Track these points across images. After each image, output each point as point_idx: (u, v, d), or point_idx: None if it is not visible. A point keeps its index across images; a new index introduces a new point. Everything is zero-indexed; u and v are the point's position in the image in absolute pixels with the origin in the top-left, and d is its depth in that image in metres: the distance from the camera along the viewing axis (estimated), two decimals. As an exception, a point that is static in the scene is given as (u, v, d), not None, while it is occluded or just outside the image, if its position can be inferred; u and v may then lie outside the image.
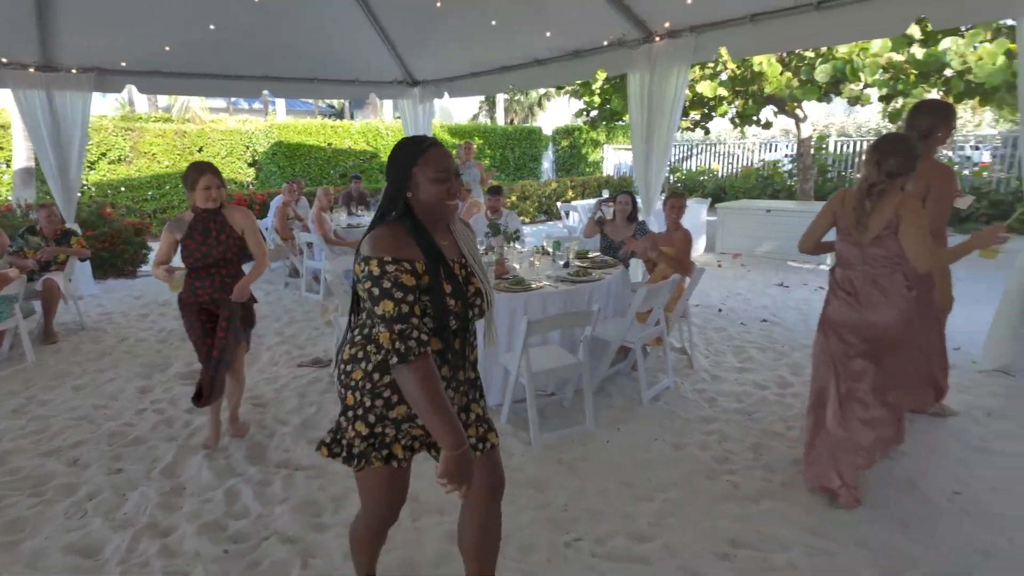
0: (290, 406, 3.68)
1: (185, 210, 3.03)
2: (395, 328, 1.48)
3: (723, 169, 14.91)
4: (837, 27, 4.56)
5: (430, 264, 1.55)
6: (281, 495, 2.75)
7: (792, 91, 7.18)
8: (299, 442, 3.23)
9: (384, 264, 1.50)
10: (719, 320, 5.33)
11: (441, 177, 1.58)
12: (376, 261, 1.51)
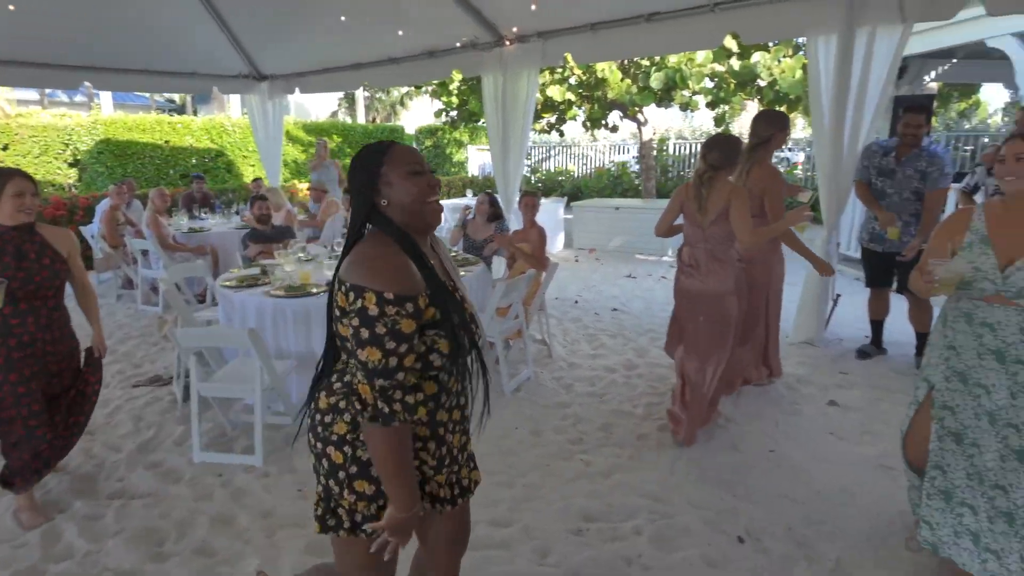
0: (124, 430, 3.34)
1: None
2: (377, 383, 1.25)
3: (578, 170, 15.72)
4: (665, 38, 5.01)
5: (436, 296, 1.31)
6: (114, 527, 2.49)
7: (632, 97, 7.77)
8: (135, 468, 2.95)
9: (384, 303, 1.23)
10: (575, 311, 5.63)
11: (416, 170, 1.35)
12: (374, 296, 1.23)
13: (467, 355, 1.42)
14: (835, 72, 4.11)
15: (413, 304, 1.26)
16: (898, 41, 3.90)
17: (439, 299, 1.32)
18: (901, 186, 3.86)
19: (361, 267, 1.27)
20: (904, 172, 3.84)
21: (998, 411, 1.89)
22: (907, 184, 3.83)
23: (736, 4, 4.47)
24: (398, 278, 1.26)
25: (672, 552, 2.31)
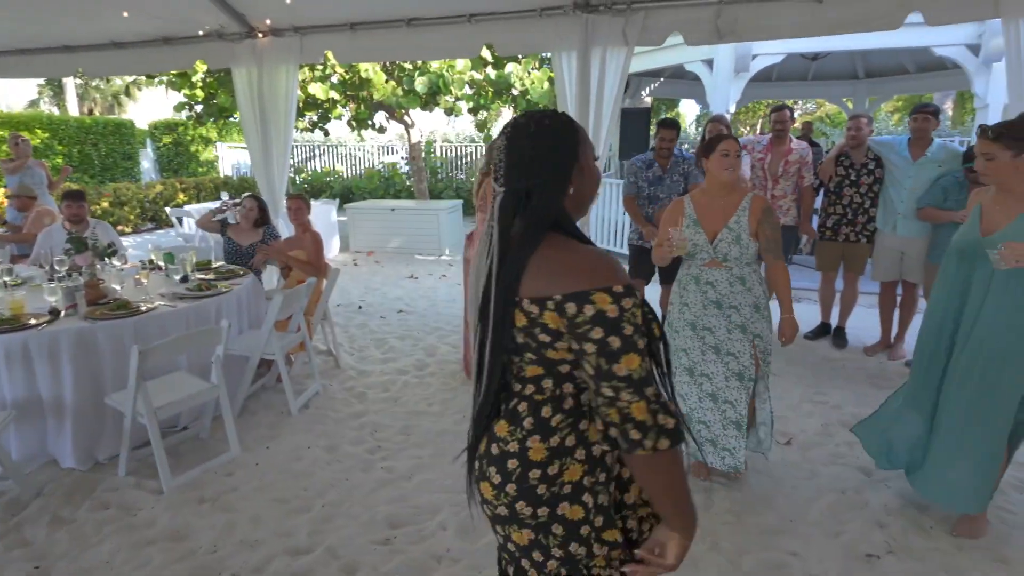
0: None
1: None
2: (650, 393, 1.00)
3: (347, 171, 15.28)
4: (425, 44, 5.12)
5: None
6: None
7: (398, 99, 7.81)
8: None
9: (619, 297, 1.01)
10: (360, 316, 5.51)
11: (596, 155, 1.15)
12: (607, 296, 1.00)
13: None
14: (577, 84, 4.65)
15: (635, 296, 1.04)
16: (624, 61, 4.57)
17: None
18: (671, 190, 4.37)
19: (571, 270, 1.04)
20: (671, 178, 4.38)
21: (720, 344, 2.62)
22: (675, 188, 4.39)
23: (491, 17, 4.78)
24: (616, 267, 1.05)
25: (477, 540, 2.42)
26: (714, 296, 2.62)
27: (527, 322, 1.08)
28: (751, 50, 5.90)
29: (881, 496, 2.69)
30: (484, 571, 2.24)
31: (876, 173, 4.23)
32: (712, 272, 2.62)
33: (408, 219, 8.53)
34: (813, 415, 3.49)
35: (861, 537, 2.41)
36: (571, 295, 1.03)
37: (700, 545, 2.37)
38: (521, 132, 1.13)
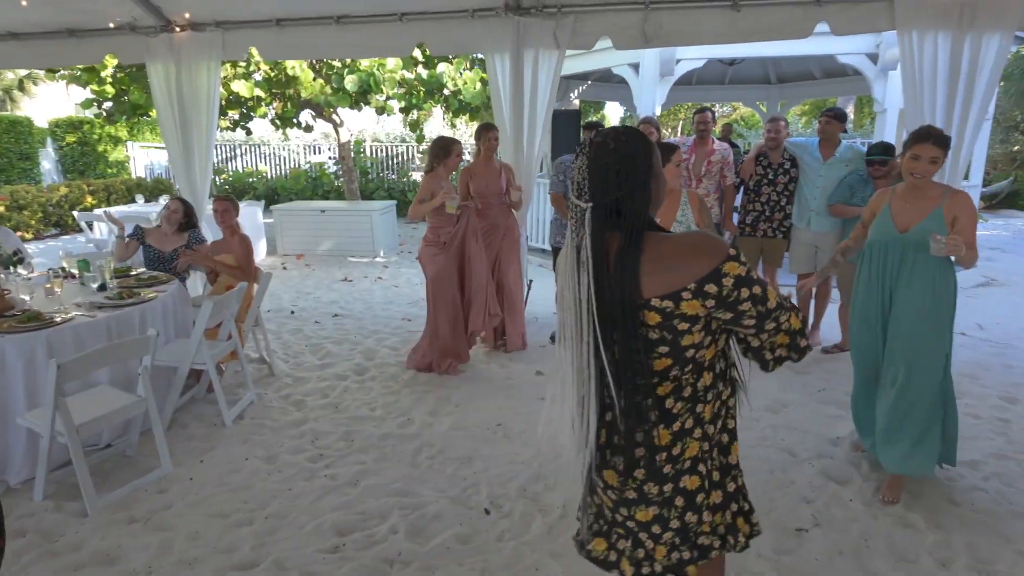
0: None
1: None
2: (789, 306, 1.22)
3: (271, 171, 14.73)
4: (356, 42, 5.03)
5: None
6: None
7: (327, 97, 7.62)
8: None
9: (738, 256, 1.18)
10: (293, 322, 5.34)
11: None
12: (733, 262, 1.16)
13: None
14: (511, 86, 4.70)
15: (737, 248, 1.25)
16: (556, 63, 4.66)
17: None
18: None
19: (690, 259, 1.18)
20: None
21: None
22: None
23: (422, 16, 4.75)
24: (715, 236, 1.22)
25: (428, 541, 2.42)
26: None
27: (662, 318, 1.20)
28: (675, 55, 6.15)
29: (806, 474, 2.89)
30: (437, 572, 2.24)
31: (792, 172, 4.52)
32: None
33: (339, 220, 8.34)
34: (741, 402, 3.69)
35: (790, 513, 2.59)
36: (705, 278, 1.16)
37: (644, 530, 2.47)
38: (602, 150, 1.24)
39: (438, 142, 4.20)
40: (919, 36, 4.00)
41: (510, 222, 4.55)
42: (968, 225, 2.51)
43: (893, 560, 2.30)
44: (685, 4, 4.37)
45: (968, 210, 2.53)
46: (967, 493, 2.72)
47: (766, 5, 4.29)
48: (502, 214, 4.51)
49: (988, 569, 2.25)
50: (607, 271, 1.22)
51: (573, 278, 1.25)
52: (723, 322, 1.23)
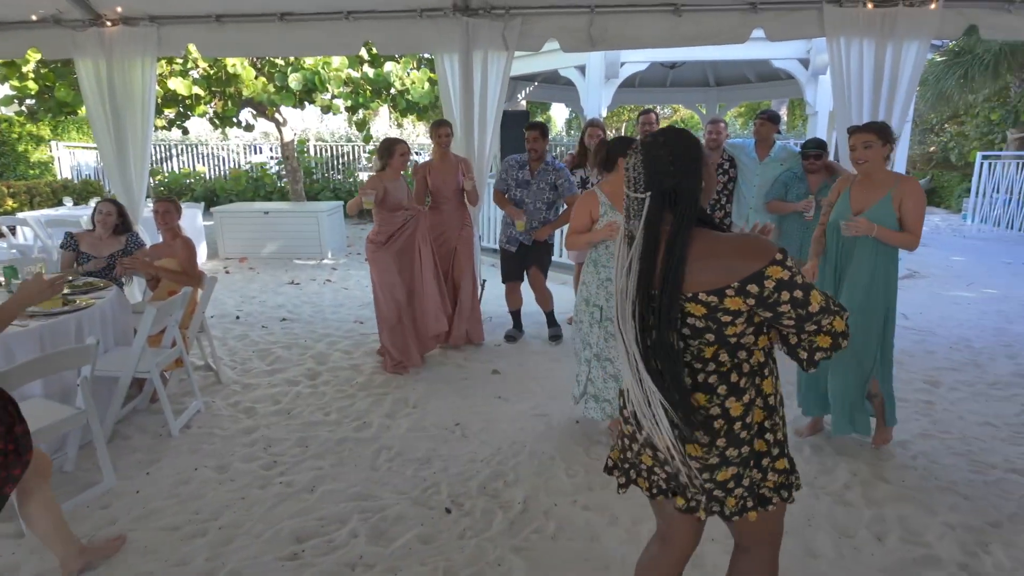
0: None
1: None
2: (836, 310, 1.29)
3: (209, 172, 14.20)
4: (301, 40, 4.92)
5: None
6: None
7: (270, 96, 7.41)
8: None
9: (783, 261, 1.25)
10: (239, 327, 5.18)
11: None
12: (777, 266, 1.24)
13: None
14: (461, 86, 4.71)
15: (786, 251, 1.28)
16: (505, 64, 4.70)
17: None
18: (536, 197, 4.52)
19: (737, 259, 1.26)
20: (538, 185, 4.51)
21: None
22: (540, 195, 4.53)
23: (369, 15, 4.70)
24: (764, 240, 1.29)
25: (390, 543, 2.41)
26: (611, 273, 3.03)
27: (707, 311, 1.31)
28: (619, 58, 6.30)
29: (751, 459, 3.03)
30: (400, 573, 2.24)
31: (731, 172, 4.71)
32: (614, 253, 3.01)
33: (284, 222, 8.12)
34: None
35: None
36: (748, 279, 1.25)
37: (599, 519, 2.54)
38: (655, 144, 1.36)
39: (383, 143, 4.21)
40: (846, 43, 4.25)
41: (465, 220, 4.58)
42: (912, 209, 2.74)
43: (835, 536, 2.44)
44: (629, 8, 4.49)
45: (914, 196, 2.75)
46: (898, 471, 2.92)
47: (705, 11, 4.46)
48: (458, 211, 4.53)
49: (918, 540, 2.42)
50: (656, 260, 1.32)
51: (624, 265, 1.36)
52: (764, 319, 1.34)
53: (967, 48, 12.75)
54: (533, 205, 4.56)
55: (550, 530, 2.48)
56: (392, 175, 4.12)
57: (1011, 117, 14.71)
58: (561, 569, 2.26)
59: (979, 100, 15.26)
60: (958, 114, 16.41)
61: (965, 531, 2.47)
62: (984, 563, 2.29)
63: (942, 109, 15.51)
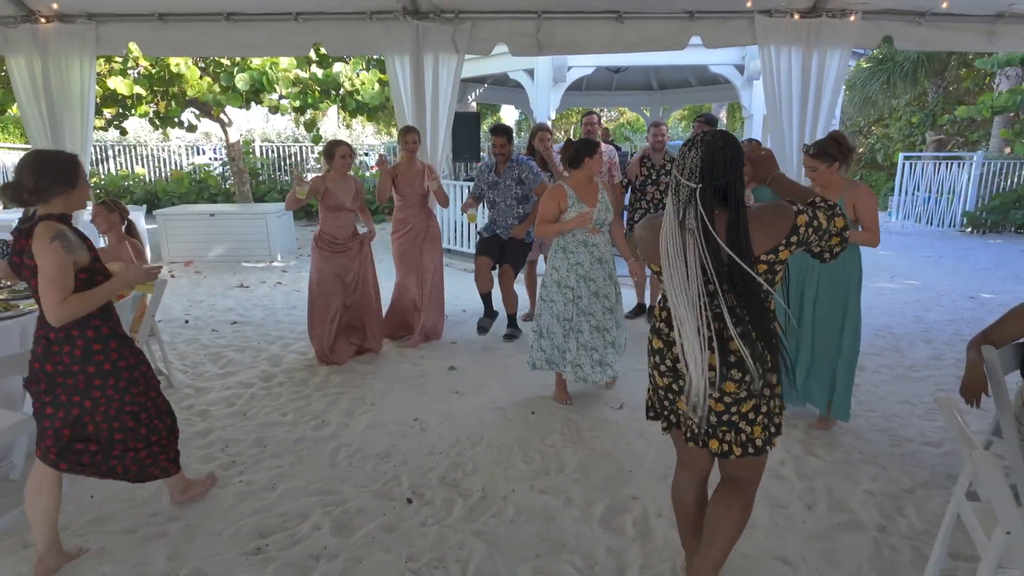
0: None
1: None
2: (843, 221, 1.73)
3: (150, 173, 13.70)
4: (248, 40, 4.89)
5: None
6: None
7: (216, 96, 7.25)
8: None
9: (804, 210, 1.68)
10: (188, 331, 5.09)
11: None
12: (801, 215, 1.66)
13: None
14: (412, 88, 4.79)
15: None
16: (456, 67, 4.79)
17: None
18: (505, 195, 4.64)
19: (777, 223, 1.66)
20: (504, 183, 4.62)
21: (599, 289, 3.49)
22: (508, 192, 4.64)
23: (318, 16, 4.72)
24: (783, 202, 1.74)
25: (353, 534, 2.47)
26: (597, 254, 3.49)
27: (767, 268, 1.69)
28: (567, 62, 6.48)
29: (695, 441, 3.22)
30: (364, 561, 2.31)
31: (674, 173, 4.93)
32: (594, 237, 3.48)
33: (231, 224, 7.95)
34: (638, 382, 4.01)
35: (683, 475, 2.89)
36: (788, 233, 1.65)
37: (555, 501, 2.67)
38: (715, 145, 1.66)
39: (326, 146, 4.32)
40: (776, 51, 4.55)
41: (431, 222, 4.68)
42: (864, 209, 3.03)
43: (770, 507, 2.65)
44: (575, 15, 4.67)
45: (863, 197, 3.04)
46: (826, 448, 3.17)
47: (647, 19, 4.68)
48: (423, 214, 4.63)
49: (844, 507, 2.66)
50: (715, 238, 1.62)
51: (678, 244, 1.65)
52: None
53: (889, 56, 13.61)
54: (504, 203, 4.67)
55: (509, 514, 2.59)
56: (335, 176, 4.18)
57: (929, 120, 15.78)
58: (520, 549, 2.38)
59: (901, 104, 16.31)
60: (883, 117, 17.47)
61: (884, 498, 2.72)
62: (900, 525, 2.53)
63: (868, 112, 16.48)
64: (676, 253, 1.64)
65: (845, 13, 4.48)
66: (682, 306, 1.63)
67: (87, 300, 2.06)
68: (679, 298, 1.63)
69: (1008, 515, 1.56)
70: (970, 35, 4.72)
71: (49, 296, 1.99)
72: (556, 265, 3.50)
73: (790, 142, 4.64)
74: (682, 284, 1.62)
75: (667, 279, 1.66)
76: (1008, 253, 9.16)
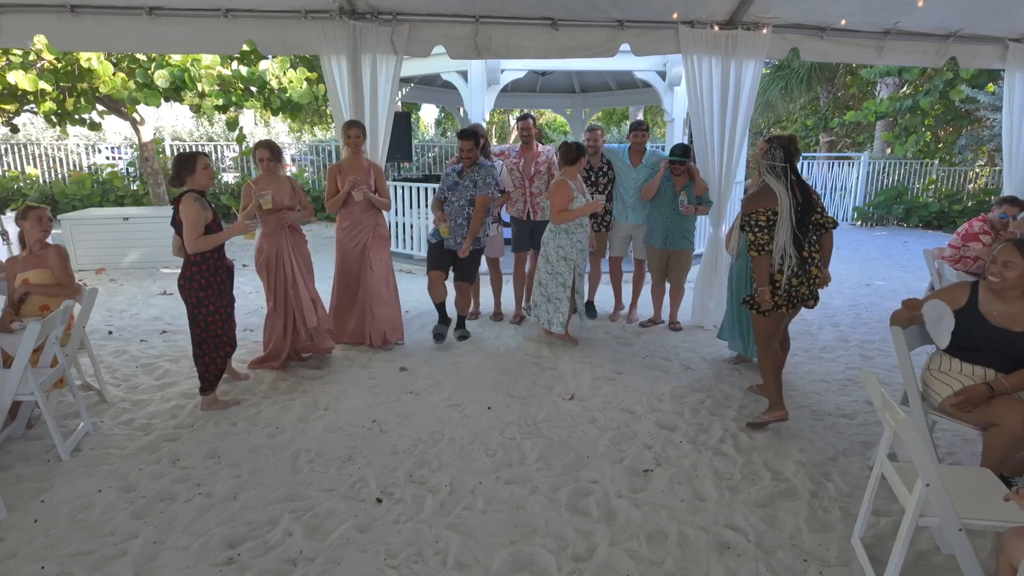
0: None
1: None
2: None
3: (45, 174, 12.57)
4: (173, 36, 4.66)
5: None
6: None
7: (131, 93, 6.80)
8: None
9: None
10: (114, 343, 4.80)
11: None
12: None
13: None
14: (350, 88, 4.74)
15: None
16: (395, 67, 4.80)
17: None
18: (460, 196, 4.61)
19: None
20: (464, 184, 4.61)
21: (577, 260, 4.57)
22: (464, 194, 4.61)
23: (249, 13, 4.58)
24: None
25: (327, 536, 2.48)
26: (584, 234, 4.56)
27: (820, 215, 3.30)
28: (500, 64, 6.60)
29: (644, 426, 3.45)
30: (343, 562, 2.33)
31: (609, 175, 5.19)
32: (583, 219, 4.54)
33: (147, 228, 7.50)
34: (584, 373, 4.21)
35: (637, 458, 3.10)
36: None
37: (521, 490, 2.80)
38: (783, 143, 3.26)
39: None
40: (698, 59, 4.88)
41: (378, 220, 4.62)
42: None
43: (716, 481, 2.89)
44: (511, 20, 4.80)
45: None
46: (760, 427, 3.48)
47: (579, 26, 4.88)
48: (369, 213, 4.57)
49: (780, 477, 2.95)
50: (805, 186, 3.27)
51: (790, 200, 3.16)
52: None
53: (786, 63, 14.70)
54: (458, 203, 4.63)
55: (479, 505, 2.69)
56: (267, 178, 4.10)
57: (822, 123, 17.20)
58: (494, 537, 2.48)
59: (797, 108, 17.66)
60: (781, 120, 18.83)
61: (812, 466, 3.04)
62: (829, 489, 2.84)
63: (769, 116, 17.72)
64: (788, 207, 3.14)
65: (758, 27, 4.87)
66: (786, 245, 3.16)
67: (209, 240, 3.41)
68: (780, 236, 3.16)
69: (928, 469, 1.83)
70: (863, 49, 5.26)
71: (189, 235, 3.34)
72: (561, 244, 4.50)
73: (711, 143, 4.99)
74: (789, 231, 3.15)
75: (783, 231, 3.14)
76: (892, 244, 10.20)
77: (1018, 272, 2.54)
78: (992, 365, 2.61)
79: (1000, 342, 2.58)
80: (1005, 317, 2.59)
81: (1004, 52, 5.37)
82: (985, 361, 2.63)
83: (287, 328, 4.20)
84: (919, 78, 13.23)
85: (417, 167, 14.76)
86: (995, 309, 2.61)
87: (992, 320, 2.60)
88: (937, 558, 2.35)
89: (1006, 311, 2.60)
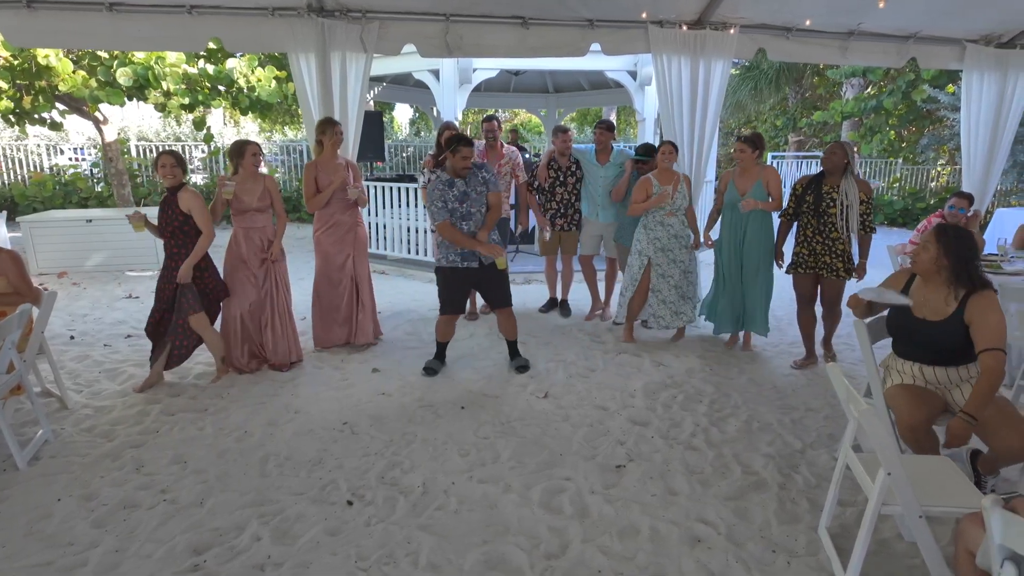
0: None
1: None
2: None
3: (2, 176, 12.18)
4: (135, 33, 4.54)
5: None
6: None
7: (93, 92, 6.62)
8: None
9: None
10: (76, 348, 4.67)
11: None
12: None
13: None
14: (319, 86, 4.68)
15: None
16: (364, 66, 4.75)
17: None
18: (478, 204, 4.02)
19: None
20: (476, 190, 4.02)
21: (675, 257, 4.66)
22: (480, 200, 4.02)
23: (215, 11, 4.49)
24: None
25: (296, 540, 2.44)
26: (673, 232, 4.64)
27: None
28: (472, 64, 6.59)
29: (617, 422, 3.47)
30: (312, 566, 2.29)
31: (578, 174, 5.21)
32: (669, 219, 4.62)
33: (111, 231, 7.30)
34: (557, 371, 4.22)
35: (610, 454, 3.11)
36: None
37: (494, 489, 2.79)
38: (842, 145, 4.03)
39: (233, 146, 4.16)
40: (667, 59, 4.93)
41: (356, 220, 4.56)
42: (775, 185, 4.36)
43: (688, 475, 2.92)
44: (481, 19, 4.78)
45: (774, 177, 4.37)
46: (728, 420, 3.52)
47: (550, 25, 4.89)
48: (347, 210, 4.50)
49: (750, 470, 2.98)
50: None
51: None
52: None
53: (756, 64, 14.95)
54: (479, 212, 4.07)
55: (451, 506, 2.67)
56: (246, 176, 4.04)
57: (791, 123, 17.52)
58: (467, 537, 2.46)
59: (766, 108, 17.97)
60: (751, 120, 19.14)
61: (781, 459, 3.09)
62: (797, 481, 2.89)
63: (739, 116, 18.00)
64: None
65: (726, 27, 4.93)
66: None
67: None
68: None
69: (890, 458, 1.87)
70: (827, 49, 5.36)
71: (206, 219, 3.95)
72: (639, 238, 4.68)
73: (681, 142, 5.04)
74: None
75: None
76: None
77: (931, 255, 2.54)
78: (925, 360, 2.63)
79: (924, 334, 2.58)
80: (927, 308, 2.59)
81: (962, 53, 5.52)
82: (919, 356, 2.64)
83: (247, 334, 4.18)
84: (883, 79, 13.57)
85: (391, 167, 14.66)
86: (920, 298, 2.62)
87: (915, 311, 2.61)
88: (900, 546, 2.41)
89: (928, 301, 2.59)
